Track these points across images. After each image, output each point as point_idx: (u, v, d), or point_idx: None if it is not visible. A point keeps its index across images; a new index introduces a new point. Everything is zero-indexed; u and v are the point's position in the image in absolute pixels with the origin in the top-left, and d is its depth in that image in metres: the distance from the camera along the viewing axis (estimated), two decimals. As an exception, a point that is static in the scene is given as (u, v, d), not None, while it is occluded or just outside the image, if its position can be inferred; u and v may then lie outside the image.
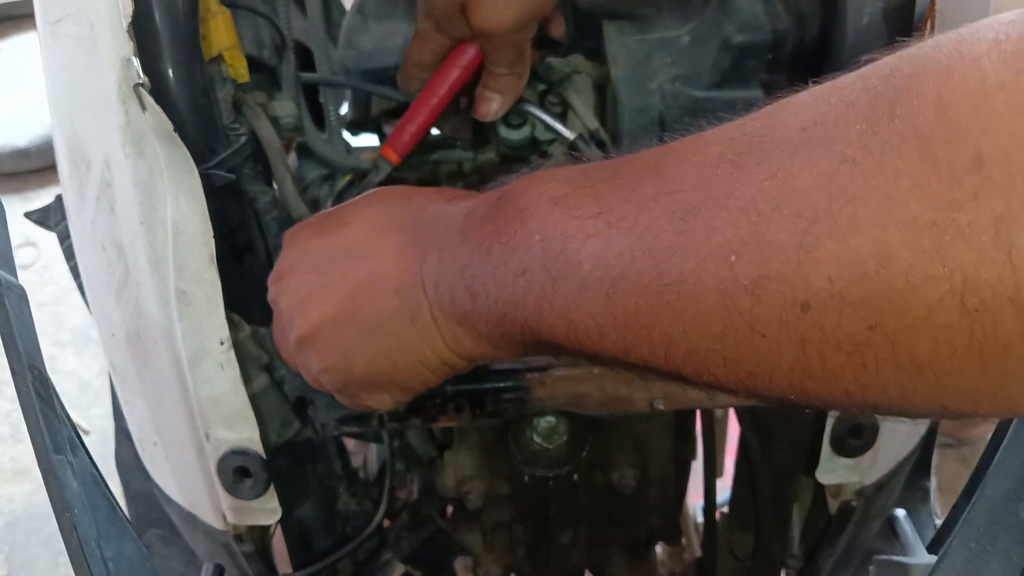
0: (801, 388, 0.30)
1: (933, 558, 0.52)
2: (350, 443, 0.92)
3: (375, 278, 0.44)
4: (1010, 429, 0.41)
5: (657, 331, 0.32)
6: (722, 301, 0.30)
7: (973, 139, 0.24)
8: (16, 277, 0.42)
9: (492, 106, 0.63)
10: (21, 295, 0.41)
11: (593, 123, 0.64)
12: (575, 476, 0.74)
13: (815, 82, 0.31)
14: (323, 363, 0.47)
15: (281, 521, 0.60)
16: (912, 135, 0.25)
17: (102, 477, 0.45)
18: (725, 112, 0.62)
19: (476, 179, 0.68)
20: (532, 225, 0.37)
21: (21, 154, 2.47)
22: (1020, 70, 0.24)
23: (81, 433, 0.44)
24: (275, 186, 0.61)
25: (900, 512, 0.59)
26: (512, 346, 0.41)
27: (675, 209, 0.32)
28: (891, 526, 0.59)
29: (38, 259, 2.26)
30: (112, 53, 0.49)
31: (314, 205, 0.67)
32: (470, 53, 0.61)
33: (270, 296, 0.50)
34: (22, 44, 2.76)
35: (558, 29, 0.67)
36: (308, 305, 0.46)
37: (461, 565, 0.91)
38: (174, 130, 0.49)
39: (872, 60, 0.29)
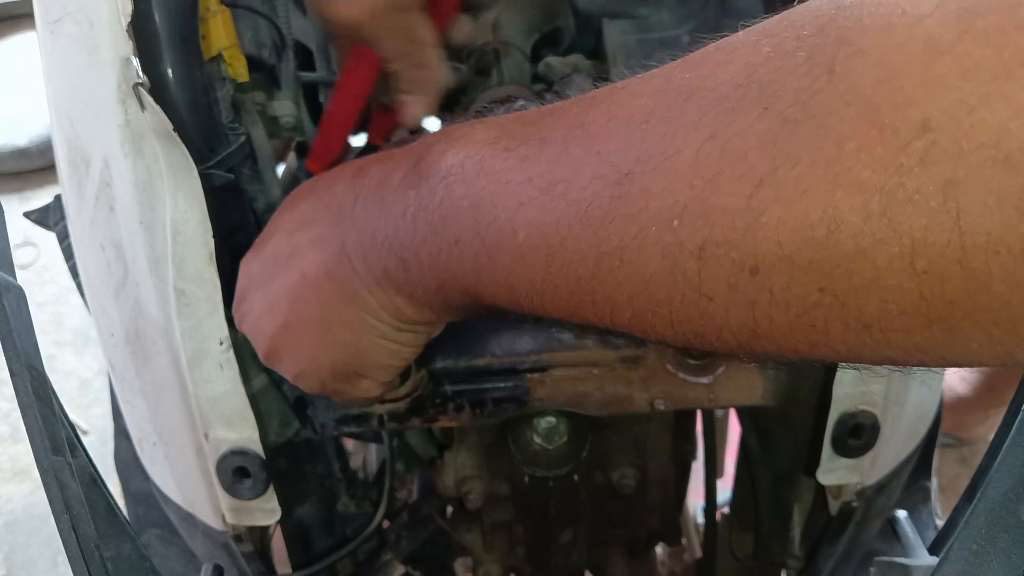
0: (749, 346, 0.30)
1: (934, 559, 0.52)
2: (350, 443, 0.93)
3: (307, 275, 0.44)
4: (1012, 430, 0.41)
5: (600, 296, 0.32)
6: (666, 266, 0.29)
7: (918, 104, 0.24)
8: (15, 277, 0.42)
9: (411, 109, 0.58)
10: (20, 295, 0.41)
11: (593, 123, 0.64)
12: (575, 476, 0.74)
13: (743, 26, 0.30)
14: (293, 372, 0.47)
15: (280, 521, 0.60)
16: (854, 97, 0.25)
17: (101, 477, 0.45)
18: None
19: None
20: (458, 191, 0.36)
21: (21, 153, 2.47)
22: (965, 31, 0.23)
23: (80, 433, 0.44)
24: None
25: (901, 513, 0.59)
26: (454, 311, 0.41)
27: (608, 172, 0.31)
28: (892, 527, 0.59)
29: (37, 259, 2.26)
30: (111, 53, 0.49)
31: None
32: (364, 51, 0.58)
33: (236, 325, 0.50)
34: (21, 44, 2.76)
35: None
36: (262, 322, 0.46)
37: (461, 565, 0.91)
38: (173, 130, 0.49)
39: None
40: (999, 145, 0.22)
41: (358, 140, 0.71)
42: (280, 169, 0.67)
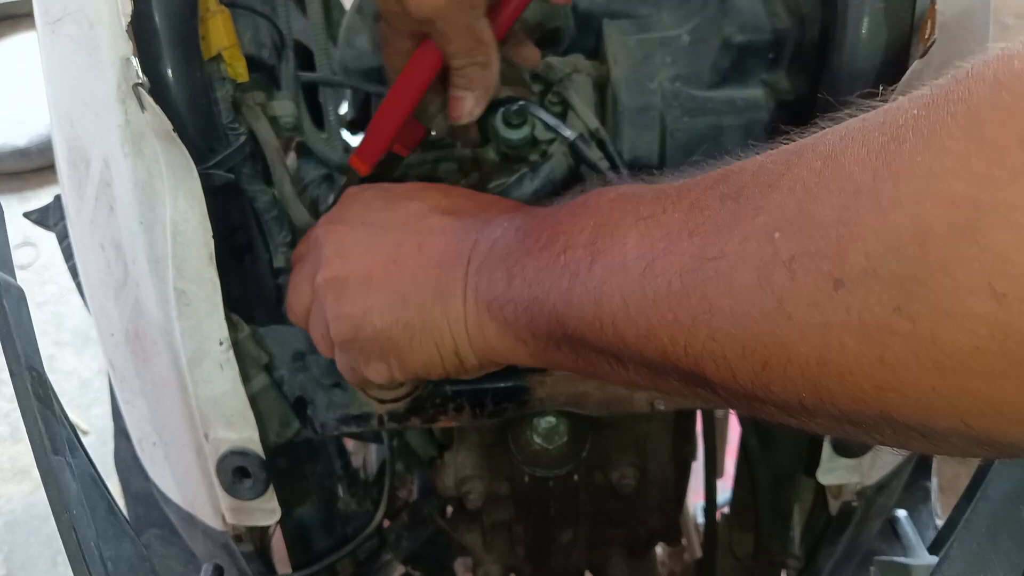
0: (815, 385, 0.29)
1: (934, 559, 0.52)
2: (350, 443, 0.92)
3: (422, 250, 0.45)
4: (1011, 430, 0.41)
5: (683, 312, 0.33)
6: (756, 278, 0.30)
7: (1021, 119, 0.24)
8: (15, 277, 0.42)
9: (465, 105, 0.59)
10: (20, 296, 0.41)
11: (593, 122, 0.64)
12: (575, 476, 0.74)
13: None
14: (339, 310, 0.47)
15: (280, 521, 0.60)
16: (963, 114, 0.25)
17: (101, 477, 0.45)
18: (726, 112, 0.62)
19: (476, 178, 0.68)
20: (590, 214, 0.39)
21: (21, 154, 2.46)
22: None
23: (80, 433, 0.44)
24: (275, 188, 0.61)
25: (901, 513, 0.59)
26: (534, 339, 0.41)
27: (728, 191, 0.33)
28: (892, 527, 0.59)
29: (37, 259, 2.26)
30: (111, 53, 0.49)
31: (313, 205, 0.67)
32: (429, 49, 0.58)
33: (315, 233, 0.50)
34: (21, 44, 2.76)
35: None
36: (350, 252, 0.47)
37: (461, 565, 0.91)
38: (173, 130, 0.49)
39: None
40: None
41: (355, 141, 0.71)
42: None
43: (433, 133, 0.67)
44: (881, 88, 0.35)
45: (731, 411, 0.93)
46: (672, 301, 0.33)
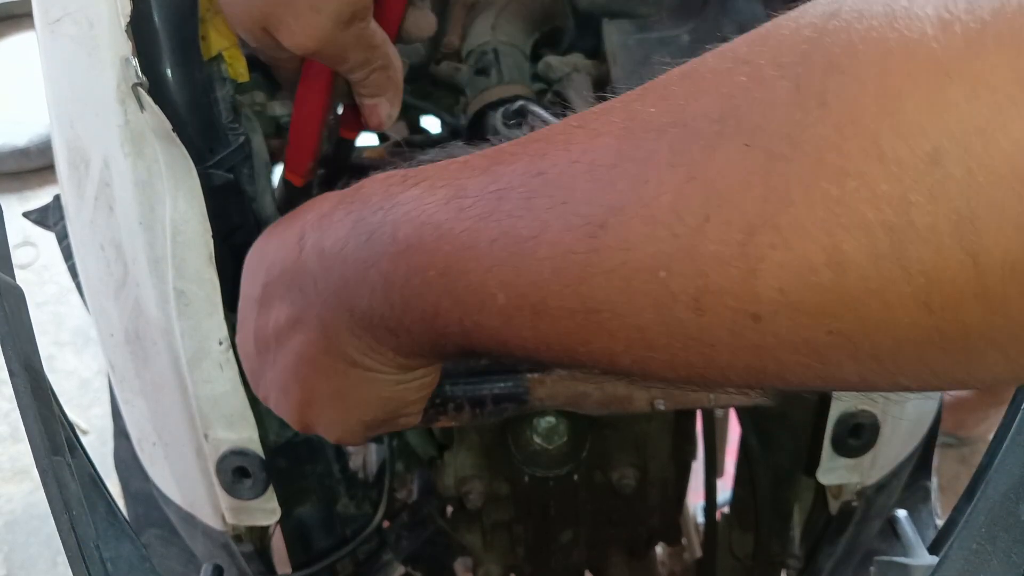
0: (758, 383, 0.28)
1: (934, 559, 0.52)
2: (350, 443, 0.92)
3: (302, 357, 0.42)
4: (1011, 430, 0.41)
5: (596, 347, 0.30)
6: (660, 317, 0.27)
7: (926, 133, 0.22)
8: (14, 277, 0.42)
9: (381, 110, 0.57)
10: (19, 295, 0.41)
11: (593, 122, 0.64)
12: (575, 476, 0.74)
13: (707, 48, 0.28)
14: (333, 438, 0.46)
15: (280, 521, 0.60)
16: (852, 129, 0.23)
17: (100, 477, 0.45)
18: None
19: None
20: (421, 261, 0.33)
21: (20, 153, 2.46)
22: (976, 54, 0.21)
23: (80, 433, 0.44)
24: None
25: (901, 513, 0.59)
26: (460, 358, 0.40)
27: (578, 223, 0.28)
28: (892, 526, 0.59)
29: (37, 258, 2.26)
30: (111, 53, 0.49)
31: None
32: (315, 64, 0.56)
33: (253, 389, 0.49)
34: (21, 44, 2.76)
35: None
36: (282, 404, 0.46)
37: (461, 565, 0.91)
38: (173, 130, 0.49)
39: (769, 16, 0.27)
40: (1016, 171, 0.21)
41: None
42: (278, 170, 0.67)
43: (436, 131, 0.67)
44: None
45: (731, 411, 0.93)
46: (578, 340, 0.30)
